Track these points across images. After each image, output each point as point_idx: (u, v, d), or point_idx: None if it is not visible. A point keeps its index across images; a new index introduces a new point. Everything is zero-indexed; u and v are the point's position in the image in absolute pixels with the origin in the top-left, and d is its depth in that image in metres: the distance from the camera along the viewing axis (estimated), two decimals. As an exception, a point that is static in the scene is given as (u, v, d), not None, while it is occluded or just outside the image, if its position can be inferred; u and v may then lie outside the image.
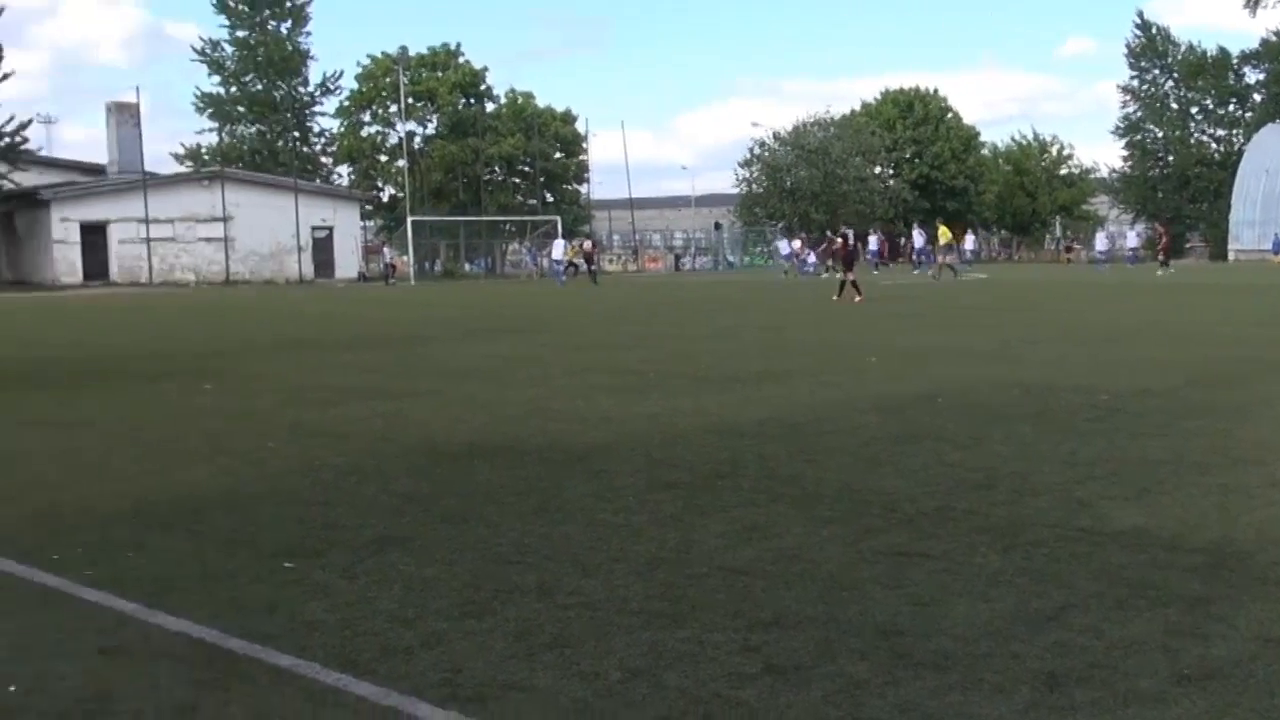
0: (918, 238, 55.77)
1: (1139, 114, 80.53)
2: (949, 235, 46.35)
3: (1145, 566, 5.54)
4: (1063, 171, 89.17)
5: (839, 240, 33.86)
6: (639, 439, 9.28)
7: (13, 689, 4.28)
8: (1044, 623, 4.79)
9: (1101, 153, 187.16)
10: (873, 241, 58.49)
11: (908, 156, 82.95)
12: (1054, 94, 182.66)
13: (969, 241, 68.50)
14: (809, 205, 75.52)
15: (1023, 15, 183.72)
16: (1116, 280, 41.33)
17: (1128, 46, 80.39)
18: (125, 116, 61.85)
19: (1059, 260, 71.34)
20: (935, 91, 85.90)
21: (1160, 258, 50.39)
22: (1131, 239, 67.43)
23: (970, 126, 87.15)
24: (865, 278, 36.42)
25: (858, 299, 28.97)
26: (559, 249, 55.81)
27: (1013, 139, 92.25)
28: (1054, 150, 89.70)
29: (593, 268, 53.34)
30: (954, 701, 4.02)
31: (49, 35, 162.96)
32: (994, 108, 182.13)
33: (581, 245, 57.70)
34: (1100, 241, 60.54)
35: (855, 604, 5.06)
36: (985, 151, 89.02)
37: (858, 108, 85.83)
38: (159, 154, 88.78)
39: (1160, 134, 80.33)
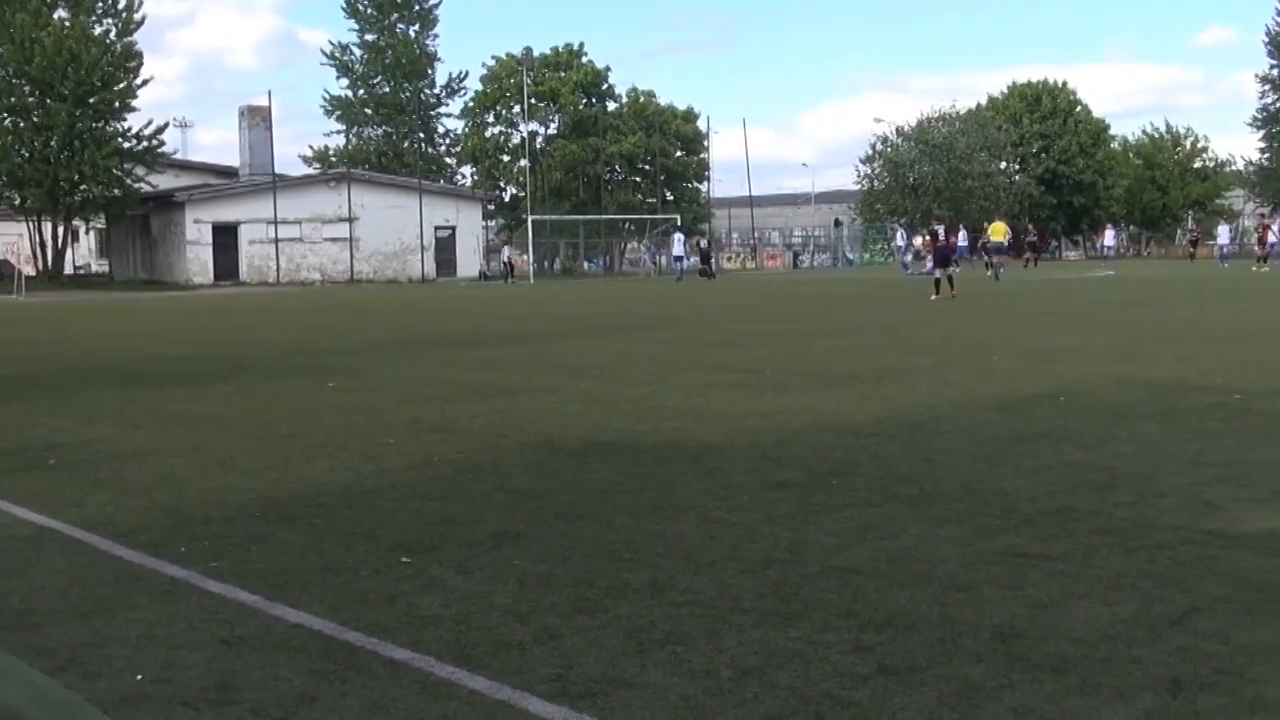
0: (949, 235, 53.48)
1: (1278, 104, 77.98)
2: (1004, 233, 44.55)
3: (1276, 571, 5.37)
4: (1196, 165, 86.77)
5: (926, 236, 33.05)
6: (754, 437, 9.25)
7: (139, 677, 4.40)
8: (1167, 627, 4.67)
9: (1239, 145, 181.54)
10: (963, 236, 56.18)
11: (1034, 151, 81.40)
12: (1189, 85, 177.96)
13: (1108, 237, 66.71)
14: (932, 201, 74.53)
15: (1157, 4, 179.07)
16: (1248, 276, 40.11)
17: (1268, 34, 77.85)
18: (257, 120, 63.35)
19: (1188, 256, 69.34)
20: (1064, 84, 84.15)
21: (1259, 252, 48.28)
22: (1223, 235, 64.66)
23: (1100, 119, 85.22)
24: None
25: (933, 297, 28.34)
26: (679, 245, 56.17)
27: (1144, 132, 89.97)
28: (1187, 143, 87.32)
29: (708, 264, 53.79)
30: (1072, 706, 3.94)
31: (186, 42, 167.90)
32: (1125, 100, 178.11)
33: (697, 243, 57.96)
34: (1222, 235, 57.73)
35: (971, 605, 4.98)
36: (1115, 145, 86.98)
37: (984, 102, 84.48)
38: (288, 156, 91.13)
39: (1301, 124, 77.67)
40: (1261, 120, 78.64)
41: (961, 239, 54.41)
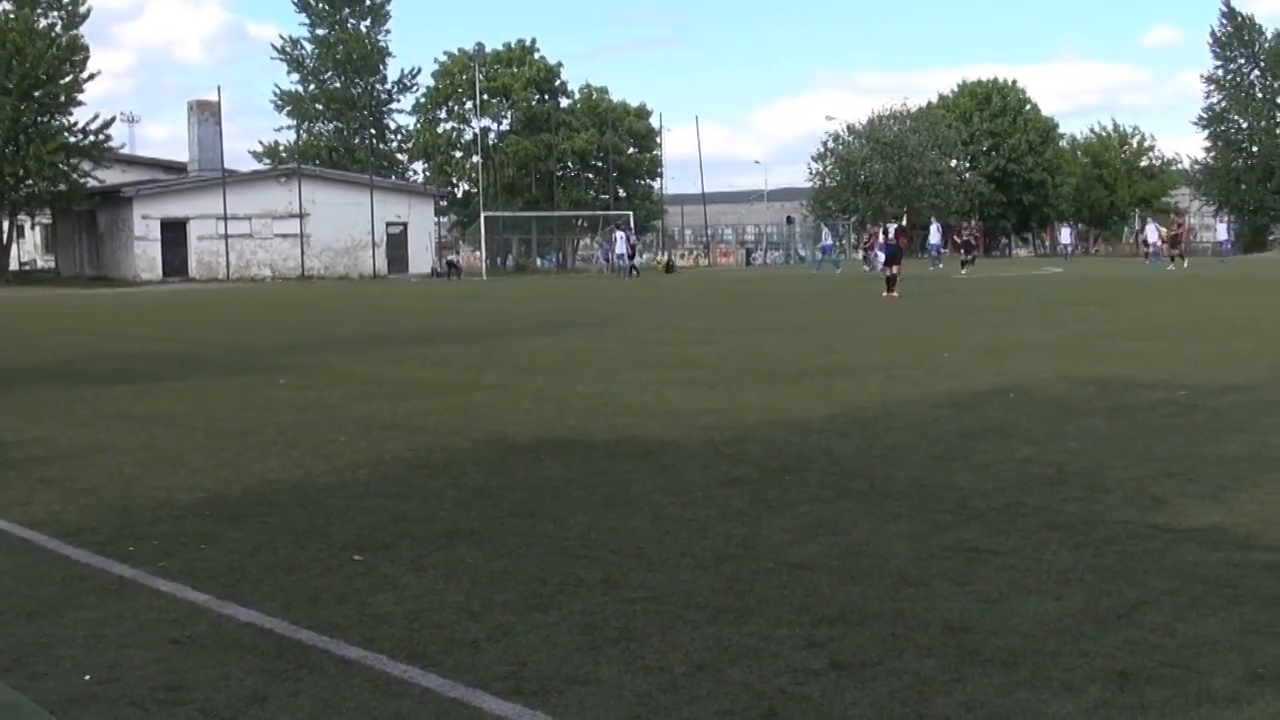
0: (934, 234, 53.74)
1: (1223, 104, 79.05)
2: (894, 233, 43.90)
3: (1221, 564, 5.45)
4: (1143, 163, 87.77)
5: (878, 235, 33.01)
6: (707, 434, 9.27)
7: (88, 678, 4.36)
8: (1115, 620, 4.72)
9: (1184, 144, 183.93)
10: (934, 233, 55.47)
11: (985, 149, 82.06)
12: (1136, 85, 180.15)
13: (1065, 234, 67.21)
14: (883, 199, 74.98)
15: (1105, 4, 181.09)
16: (1193, 274, 40.62)
17: (1213, 35, 78.92)
18: (206, 115, 62.72)
19: (1138, 254, 70.09)
20: (1013, 83, 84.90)
21: (1174, 251, 48.34)
22: (1222, 231, 65.28)
23: (1049, 118, 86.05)
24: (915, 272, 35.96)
25: (884, 294, 28.40)
26: (621, 243, 56.36)
27: (1092, 130, 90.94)
28: (1134, 142, 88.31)
29: (632, 261, 54.59)
30: (1022, 699, 3.98)
31: (133, 35, 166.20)
32: (1073, 99, 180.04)
33: (628, 239, 58.18)
34: (1150, 233, 57.40)
35: (922, 600, 5.02)
36: (1064, 144, 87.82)
37: (934, 100, 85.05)
38: (238, 152, 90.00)
39: (1245, 124, 78.82)
40: (1207, 120, 79.69)
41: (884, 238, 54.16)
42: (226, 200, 57.84)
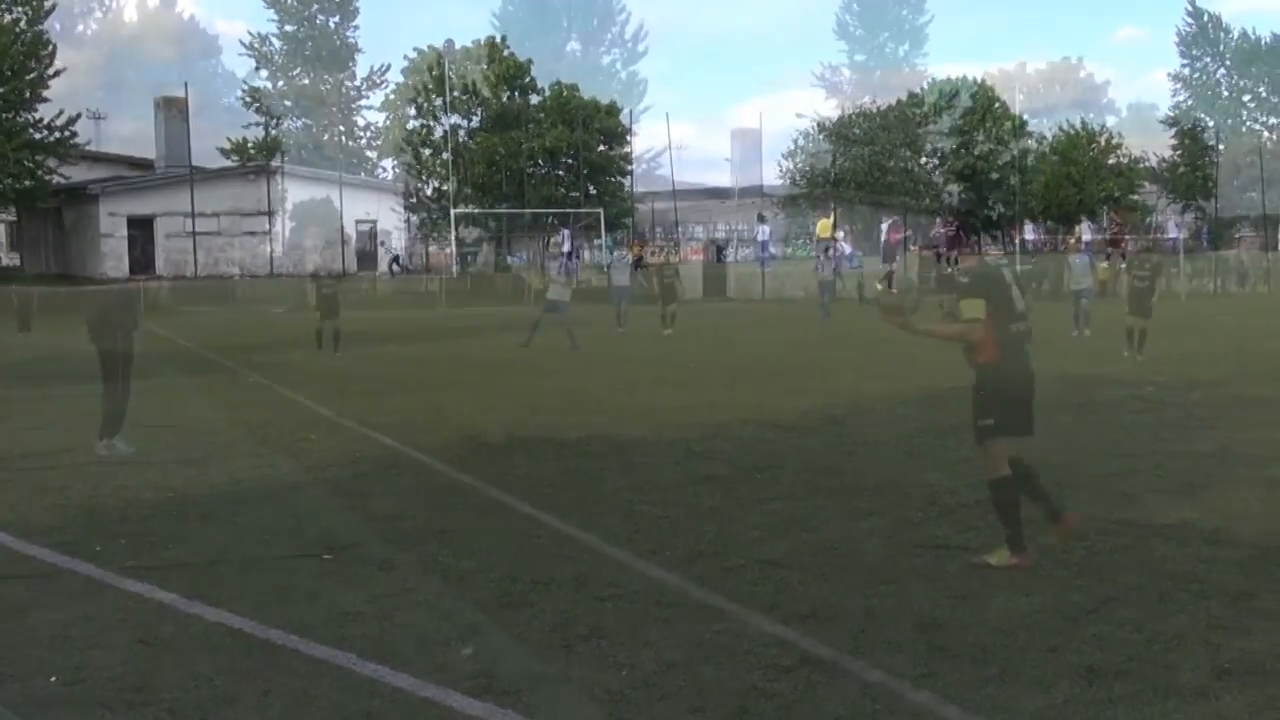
0: (892, 232, 53.25)
1: (1190, 102, 79.58)
2: (829, 230, 43.11)
3: (1188, 560, 5.48)
4: (1111, 161, 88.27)
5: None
6: (678, 431, 9.26)
7: (54, 679, 4.31)
8: (1084, 616, 4.74)
9: (1152, 143, 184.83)
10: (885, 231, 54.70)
11: (954, 147, 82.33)
12: (1105, 83, 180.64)
13: (1029, 231, 67.65)
14: (853, 197, 75.09)
15: (1074, 4, 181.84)
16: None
17: (1179, 34, 79.41)
18: (173, 112, 62.22)
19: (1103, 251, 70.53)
20: (982, 81, 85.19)
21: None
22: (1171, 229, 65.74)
23: (1017, 116, 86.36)
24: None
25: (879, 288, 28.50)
26: (568, 242, 56.35)
27: (1060, 129, 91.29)
28: (1102, 140, 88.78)
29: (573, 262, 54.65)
30: (991, 694, 3.99)
31: (100, 31, 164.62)
32: (1042, 97, 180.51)
33: (571, 237, 58.03)
34: (1086, 232, 56.95)
35: (893, 597, 5.03)
36: (1032, 142, 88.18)
37: (904, 98, 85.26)
38: (206, 148, 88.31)
39: (1211, 122, 79.38)
40: (1174, 118, 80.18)
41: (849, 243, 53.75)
42: (194, 197, 57.43)
